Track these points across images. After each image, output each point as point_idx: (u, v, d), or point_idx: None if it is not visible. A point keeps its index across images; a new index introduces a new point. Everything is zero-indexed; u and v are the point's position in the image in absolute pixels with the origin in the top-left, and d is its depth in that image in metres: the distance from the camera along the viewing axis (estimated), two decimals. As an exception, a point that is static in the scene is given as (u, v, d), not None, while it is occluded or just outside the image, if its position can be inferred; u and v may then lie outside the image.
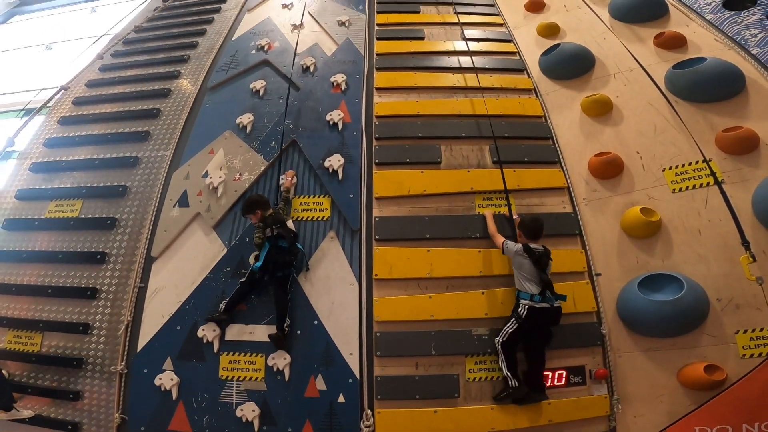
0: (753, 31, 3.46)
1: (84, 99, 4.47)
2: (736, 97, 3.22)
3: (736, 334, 2.64)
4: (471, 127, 3.86)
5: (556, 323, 2.79)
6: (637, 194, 3.25)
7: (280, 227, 3.07)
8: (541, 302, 2.72)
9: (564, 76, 4.05)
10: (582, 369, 2.88)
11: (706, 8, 3.92)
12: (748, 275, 2.64)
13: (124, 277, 3.29)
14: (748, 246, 2.62)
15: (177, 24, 5.35)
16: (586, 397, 2.81)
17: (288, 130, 3.91)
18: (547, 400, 2.75)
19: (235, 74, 4.44)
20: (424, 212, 3.42)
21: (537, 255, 2.80)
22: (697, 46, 3.67)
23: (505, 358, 2.79)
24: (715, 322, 2.71)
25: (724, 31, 3.66)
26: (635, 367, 2.81)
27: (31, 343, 3.14)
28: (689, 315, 2.69)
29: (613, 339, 2.90)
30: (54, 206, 3.66)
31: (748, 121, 3.08)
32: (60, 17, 9.84)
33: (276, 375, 2.90)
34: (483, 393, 2.85)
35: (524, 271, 2.81)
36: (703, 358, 2.65)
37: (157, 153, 3.92)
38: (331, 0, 5.36)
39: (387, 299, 3.10)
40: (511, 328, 2.81)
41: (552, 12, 4.83)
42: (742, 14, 3.62)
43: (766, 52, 3.31)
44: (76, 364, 3.02)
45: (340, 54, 4.57)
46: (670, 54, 3.69)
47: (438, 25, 4.89)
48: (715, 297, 2.74)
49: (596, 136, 3.64)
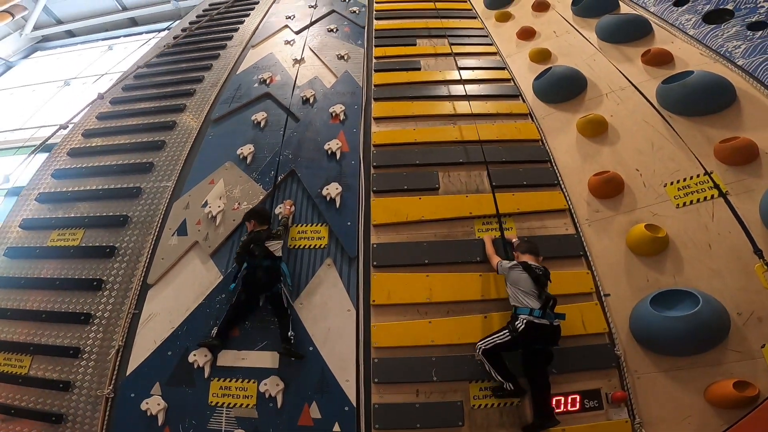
0: (736, 43, 3.50)
1: (93, 131, 4.66)
2: (729, 108, 3.21)
3: (762, 348, 2.46)
4: (468, 153, 3.89)
5: (555, 343, 2.65)
6: (640, 212, 3.17)
7: (258, 247, 3.05)
8: (542, 318, 2.60)
9: (557, 98, 4.12)
10: (597, 392, 2.71)
11: (687, 24, 4.01)
12: (765, 284, 2.50)
13: (119, 303, 3.26)
14: (761, 254, 2.50)
15: (185, 59, 5.65)
16: (605, 423, 2.63)
17: (287, 160, 3.99)
18: (558, 425, 2.56)
19: (238, 107, 4.62)
20: (422, 238, 3.39)
21: (536, 273, 2.73)
22: (684, 61, 3.72)
23: (491, 363, 2.65)
24: (738, 337, 2.55)
25: (708, 45, 3.71)
26: (657, 389, 2.63)
27: (20, 365, 3.10)
28: (708, 330, 2.54)
29: (629, 360, 2.76)
30: (56, 235, 3.72)
31: (745, 132, 3.04)
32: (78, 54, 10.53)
33: (268, 402, 2.78)
34: (489, 421, 2.68)
35: (522, 286, 2.71)
36: (730, 375, 2.47)
37: (159, 184, 4.00)
38: (331, 36, 5.68)
39: (385, 325, 3.01)
40: (501, 339, 2.65)
41: (543, 38, 5.00)
42: (722, 27, 3.69)
43: (752, 62, 3.32)
44: (63, 387, 2.95)
45: (339, 86, 4.75)
46: (659, 70, 3.74)
47: (434, 56, 5.09)
48: (735, 311, 2.59)
49: (594, 156, 3.62)
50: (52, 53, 10.97)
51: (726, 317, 2.57)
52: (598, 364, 2.80)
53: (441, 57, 5.04)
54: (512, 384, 2.61)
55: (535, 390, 2.65)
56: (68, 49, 10.91)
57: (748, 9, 3.62)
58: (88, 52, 10.45)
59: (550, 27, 5.06)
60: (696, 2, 4.07)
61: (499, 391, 2.70)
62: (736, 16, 3.65)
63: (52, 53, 10.95)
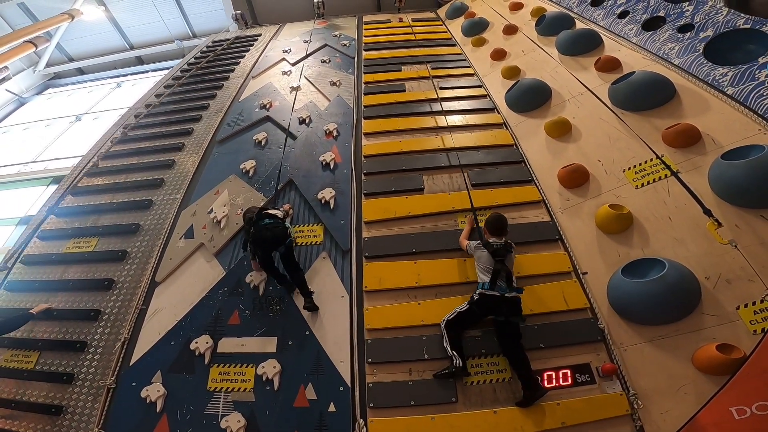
0: (670, 45, 4.00)
1: (111, 154, 5.10)
2: (671, 102, 3.62)
3: (737, 309, 2.55)
4: (450, 159, 4.26)
5: (515, 315, 2.80)
6: (605, 196, 3.47)
7: (258, 213, 3.37)
8: (491, 290, 2.82)
9: (527, 107, 4.59)
10: (587, 366, 2.79)
11: (630, 33, 4.56)
12: (719, 239, 2.67)
13: (128, 300, 3.46)
14: (710, 213, 2.68)
15: (192, 90, 6.24)
16: (599, 396, 2.67)
17: (285, 171, 4.36)
18: (545, 393, 2.66)
19: (241, 129, 5.09)
20: (410, 231, 3.66)
21: (494, 247, 2.96)
22: (630, 65, 4.20)
23: (448, 337, 2.86)
24: (712, 301, 2.64)
25: (649, 49, 4.22)
26: (645, 359, 2.69)
27: (26, 360, 3.19)
28: (679, 292, 2.65)
29: (614, 333, 2.86)
30: (72, 243, 4.00)
31: (686, 119, 3.41)
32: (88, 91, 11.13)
33: (265, 385, 2.88)
34: (483, 397, 2.74)
35: (482, 263, 2.96)
36: (713, 339, 2.50)
37: (169, 196, 4.36)
38: (325, 66, 6.31)
39: (377, 308, 3.18)
40: (462, 308, 2.92)
41: (513, 57, 5.59)
42: (658, 32, 4.21)
43: (685, 60, 3.79)
44: (66, 380, 3.04)
45: (332, 108, 5.25)
46: (609, 75, 4.21)
47: (418, 80, 5.63)
48: (703, 276, 2.71)
49: (561, 153, 4.00)
50: (63, 90, 11.58)
51: (693, 280, 2.69)
52: (583, 338, 2.89)
53: (424, 80, 5.58)
54: (461, 360, 2.76)
55: (514, 366, 2.77)
56: (79, 86, 11.53)
57: (677, 14, 4.16)
58: (97, 89, 11.08)
59: (519, 47, 5.67)
60: (635, 13, 4.64)
61: (443, 371, 2.80)
62: (668, 21, 4.17)
63: (64, 90, 11.56)
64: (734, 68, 3.40)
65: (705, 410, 2.24)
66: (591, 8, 5.40)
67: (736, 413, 2.12)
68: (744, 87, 3.26)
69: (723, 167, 2.89)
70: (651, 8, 4.49)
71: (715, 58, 3.62)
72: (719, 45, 3.66)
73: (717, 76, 3.49)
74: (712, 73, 3.54)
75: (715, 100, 3.41)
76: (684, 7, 4.14)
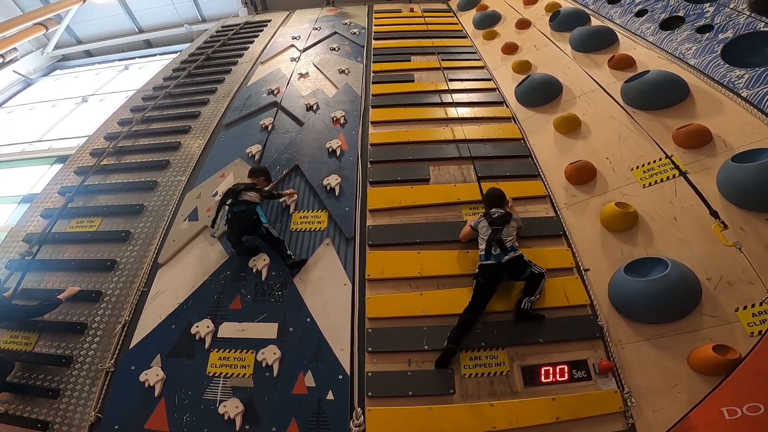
0: (687, 45, 3.95)
1: (114, 134, 5.07)
2: (684, 102, 3.58)
3: (736, 311, 2.55)
4: (456, 150, 4.24)
5: (519, 273, 2.93)
6: (611, 193, 3.45)
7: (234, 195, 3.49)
8: (486, 260, 2.91)
9: (537, 102, 4.54)
10: (584, 363, 2.79)
11: (647, 32, 4.51)
12: (725, 242, 2.66)
13: (130, 281, 3.46)
14: (716, 215, 2.67)
15: (200, 73, 6.19)
16: (594, 393, 2.67)
17: (291, 157, 4.34)
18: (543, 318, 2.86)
19: (248, 113, 5.05)
20: (414, 221, 3.64)
21: (492, 217, 3.03)
22: (645, 64, 4.15)
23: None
24: (712, 302, 2.64)
25: (665, 49, 4.17)
26: (641, 358, 2.69)
27: (26, 342, 3.16)
28: (679, 292, 2.65)
29: (612, 331, 2.85)
30: (75, 223, 3.99)
31: (698, 120, 3.37)
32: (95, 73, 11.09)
33: (264, 371, 2.87)
34: (481, 390, 2.75)
35: (481, 234, 3.04)
36: (710, 340, 2.52)
37: (174, 178, 4.35)
38: (334, 54, 6.25)
39: (379, 297, 3.17)
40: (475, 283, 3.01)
41: (524, 52, 5.53)
42: (676, 32, 4.16)
43: (702, 61, 3.74)
44: (65, 362, 3.02)
45: (340, 95, 5.21)
46: (623, 73, 4.15)
47: (427, 70, 5.57)
48: (705, 277, 2.71)
49: (570, 149, 3.96)
50: (70, 71, 11.50)
51: (695, 280, 2.69)
52: (582, 334, 2.89)
53: (433, 71, 5.53)
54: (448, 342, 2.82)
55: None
56: (86, 68, 11.46)
57: (696, 14, 4.11)
58: (105, 72, 11.03)
59: (531, 41, 5.60)
60: (654, 12, 4.58)
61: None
62: (687, 22, 4.12)
63: (71, 71, 11.48)
64: (751, 71, 3.35)
65: (697, 410, 2.25)
66: (608, 5, 5.33)
67: (727, 413, 2.12)
68: (759, 89, 3.21)
69: (732, 169, 2.86)
70: (671, 8, 4.43)
71: (732, 59, 3.57)
72: (737, 47, 3.61)
73: (733, 78, 3.44)
74: (728, 75, 3.49)
75: (729, 102, 3.36)
76: (704, 8, 4.09)
